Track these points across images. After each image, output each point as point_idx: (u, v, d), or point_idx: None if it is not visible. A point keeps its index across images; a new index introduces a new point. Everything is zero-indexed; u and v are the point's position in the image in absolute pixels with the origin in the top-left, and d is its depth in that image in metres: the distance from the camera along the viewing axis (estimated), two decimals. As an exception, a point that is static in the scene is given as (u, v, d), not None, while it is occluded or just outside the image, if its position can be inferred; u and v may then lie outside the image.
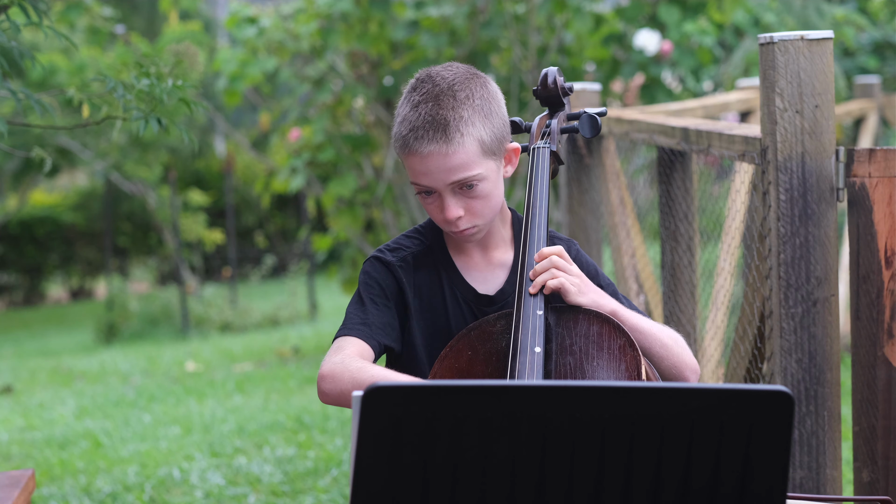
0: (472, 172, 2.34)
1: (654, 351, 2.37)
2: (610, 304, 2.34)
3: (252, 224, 17.45)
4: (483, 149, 2.35)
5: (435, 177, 2.34)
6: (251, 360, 9.27)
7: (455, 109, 2.32)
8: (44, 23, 3.34)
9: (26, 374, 9.52)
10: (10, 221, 16.30)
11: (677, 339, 2.41)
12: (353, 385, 2.25)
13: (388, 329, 2.40)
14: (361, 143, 7.85)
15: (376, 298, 2.42)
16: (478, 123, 2.34)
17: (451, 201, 2.36)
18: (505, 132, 2.41)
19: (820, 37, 2.91)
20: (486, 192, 2.37)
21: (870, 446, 2.86)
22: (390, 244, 2.50)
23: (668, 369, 2.39)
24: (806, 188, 2.91)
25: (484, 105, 2.36)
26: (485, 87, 2.39)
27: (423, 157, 2.33)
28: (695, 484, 1.67)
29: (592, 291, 2.35)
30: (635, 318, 2.37)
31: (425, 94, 2.35)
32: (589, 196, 4.86)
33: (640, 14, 7.60)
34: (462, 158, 2.32)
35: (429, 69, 2.41)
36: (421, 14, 7.56)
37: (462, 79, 2.37)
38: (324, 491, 5.02)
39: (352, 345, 2.35)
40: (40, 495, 5.18)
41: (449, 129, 2.31)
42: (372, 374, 2.25)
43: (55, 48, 12.28)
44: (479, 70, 2.49)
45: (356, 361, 2.29)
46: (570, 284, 2.32)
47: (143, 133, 3.32)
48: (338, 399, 2.29)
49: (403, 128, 2.35)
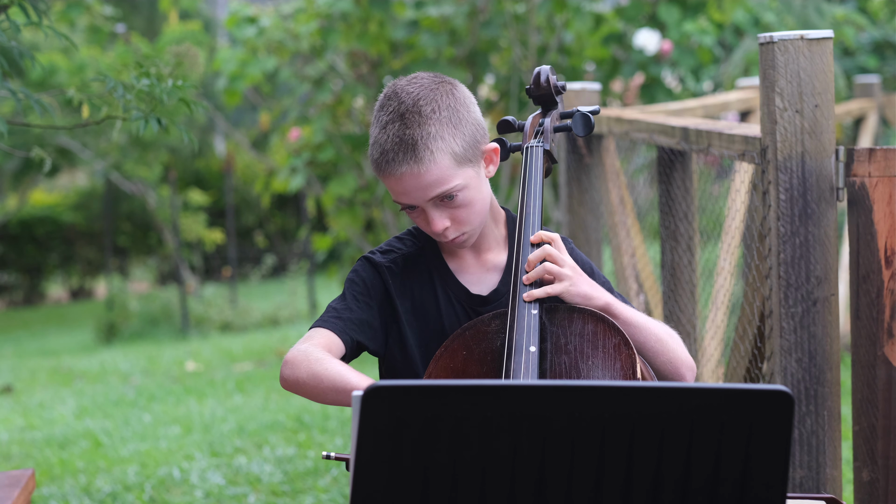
0: (449, 185, 2.32)
1: (648, 346, 2.36)
2: (604, 296, 2.33)
3: (252, 224, 17.45)
4: (456, 160, 2.33)
5: (413, 195, 2.34)
6: (251, 359, 9.27)
7: (422, 126, 2.30)
8: (44, 22, 3.34)
9: (26, 373, 9.52)
10: (10, 221, 16.30)
11: (673, 335, 2.40)
12: (307, 375, 2.26)
13: (365, 327, 2.40)
14: (361, 142, 7.84)
15: (358, 296, 2.42)
16: (447, 136, 2.32)
17: (435, 214, 2.36)
18: (479, 136, 2.38)
19: (820, 36, 2.91)
20: (468, 199, 2.36)
21: (870, 446, 2.86)
22: (382, 246, 2.50)
23: (664, 365, 2.38)
24: (806, 188, 2.91)
25: (452, 115, 2.33)
26: (451, 94, 2.36)
27: (398, 178, 2.32)
28: (695, 483, 1.67)
29: (585, 282, 2.34)
30: (629, 312, 2.36)
31: (392, 114, 2.33)
32: (589, 196, 4.86)
33: (640, 14, 7.60)
34: (436, 175, 2.31)
35: (395, 84, 2.38)
36: (421, 14, 7.56)
37: (427, 92, 2.34)
38: (324, 491, 5.02)
39: (321, 336, 2.36)
40: (40, 495, 5.18)
41: (418, 149, 2.29)
42: (326, 366, 2.25)
43: (55, 48, 12.28)
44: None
45: (318, 352, 2.29)
46: (563, 275, 2.31)
47: (143, 133, 3.32)
48: (294, 386, 2.30)
49: (375, 151, 2.34)
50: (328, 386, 2.24)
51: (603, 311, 2.33)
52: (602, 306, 2.33)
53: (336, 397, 2.24)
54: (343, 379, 2.22)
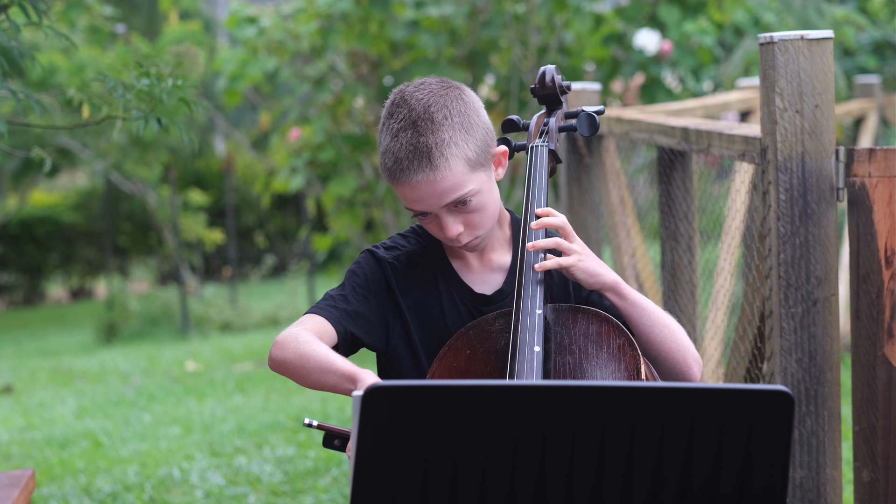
0: (463, 191, 2.32)
1: (656, 332, 2.34)
2: (612, 274, 2.32)
3: (252, 224, 17.45)
4: (470, 165, 2.33)
5: (427, 202, 2.33)
6: (251, 359, 9.27)
7: (435, 133, 2.30)
8: (44, 22, 3.34)
9: (26, 374, 9.52)
10: (10, 221, 16.30)
11: (680, 327, 2.39)
12: (295, 356, 2.27)
13: (360, 320, 2.39)
14: (361, 142, 7.85)
15: (357, 288, 2.42)
16: (460, 142, 2.32)
17: (449, 220, 2.35)
18: (489, 140, 2.38)
19: (820, 36, 2.91)
20: (481, 204, 2.36)
21: (870, 446, 2.86)
22: (387, 242, 2.50)
23: (672, 353, 2.35)
24: (806, 188, 2.91)
25: (463, 121, 2.33)
26: (460, 99, 2.36)
27: (413, 186, 2.32)
28: (695, 483, 1.67)
29: (595, 259, 2.33)
30: (638, 295, 2.35)
31: (403, 121, 2.32)
32: (589, 196, 4.86)
33: (640, 14, 7.60)
34: (451, 181, 2.31)
35: (402, 90, 2.38)
36: (421, 14, 7.56)
37: (437, 98, 2.34)
38: (324, 491, 5.02)
39: (314, 321, 2.36)
40: (40, 495, 5.18)
41: (433, 156, 2.29)
42: (315, 348, 2.26)
43: (55, 48, 12.27)
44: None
45: (307, 335, 2.30)
46: (573, 249, 2.32)
47: (143, 133, 3.32)
48: (280, 366, 2.31)
49: (388, 159, 2.33)
50: (313, 366, 2.24)
51: (611, 290, 2.32)
52: (611, 283, 2.32)
53: (320, 378, 2.24)
54: (329, 361, 2.23)
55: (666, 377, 2.38)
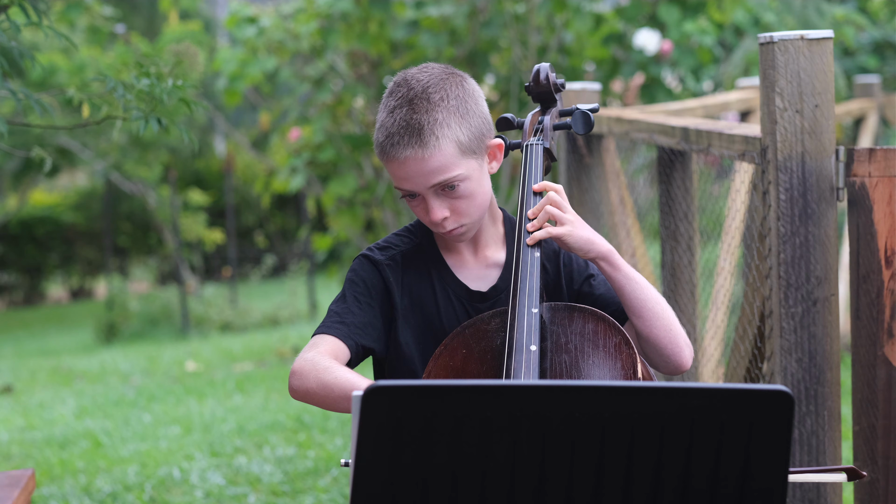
0: (451, 174, 2.33)
1: (648, 307, 2.33)
2: (605, 243, 2.33)
3: (252, 224, 17.45)
4: (461, 149, 2.33)
5: (415, 181, 2.34)
6: (251, 359, 9.27)
7: (429, 112, 2.31)
8: (44, 23, 3.34)
9: (26, 373, 9.52)
10: (10, 221, 16.31)
11: (671, 308, 2.39)
12: (317, 384, 2.26)
13: (369, 329, 2.39)
14: (361, 142, 7.84)
15: (360, 297, 2.41)
16: (453, 125, 2.32)
17: (435, 203, 2.35)
18: (485, 129, 2.39)
19: (820, 36, 2.91)
20: (469, 191, 2.36)
21: (870, 446, 2.86)
22: (380, 243, 2.50)
23: (663, 332, 2.33)
24: (806, 188, 2.91)
25: (460, 105, 2.34)
26: (461, 86, 2.37)
27: (401, 162, 2.32)
28: (695, 483, 1.67)
29: (587, 229, 2.34)
30: (631, 268, 2.35)
31: (400, 99, 2.34)
32: (589, 196, 4.86)
33: (640, 14, 7.60)
34: (439, 161, 2.32)
35: (405, 72, 2.40)
36: (421, 14, 7.56)
37: (437, 80, 2.35)
38: (324, 491, 5.02)
39: (326, 343, 2.35)
40: (40, 495, 5.18)
41: (423, 133, 2.30)
42: (336, 375, 2.25)
43: (55, 48, 12.27)
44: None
45: (325, 360, 2.29)
46: (565, 219, 2.32)
47: (143, 133, 3.32)
48: (304, 396, 2.30)
49: (380, 134, 2.35)
50: (339, 395, 2.23)
51: (605, 260, 2.32)
52: (605, 252, 2.32)
53: (347, 405, 2.22)
54: (354, 387, 2.21)
55: (657, 361, 2.37)
